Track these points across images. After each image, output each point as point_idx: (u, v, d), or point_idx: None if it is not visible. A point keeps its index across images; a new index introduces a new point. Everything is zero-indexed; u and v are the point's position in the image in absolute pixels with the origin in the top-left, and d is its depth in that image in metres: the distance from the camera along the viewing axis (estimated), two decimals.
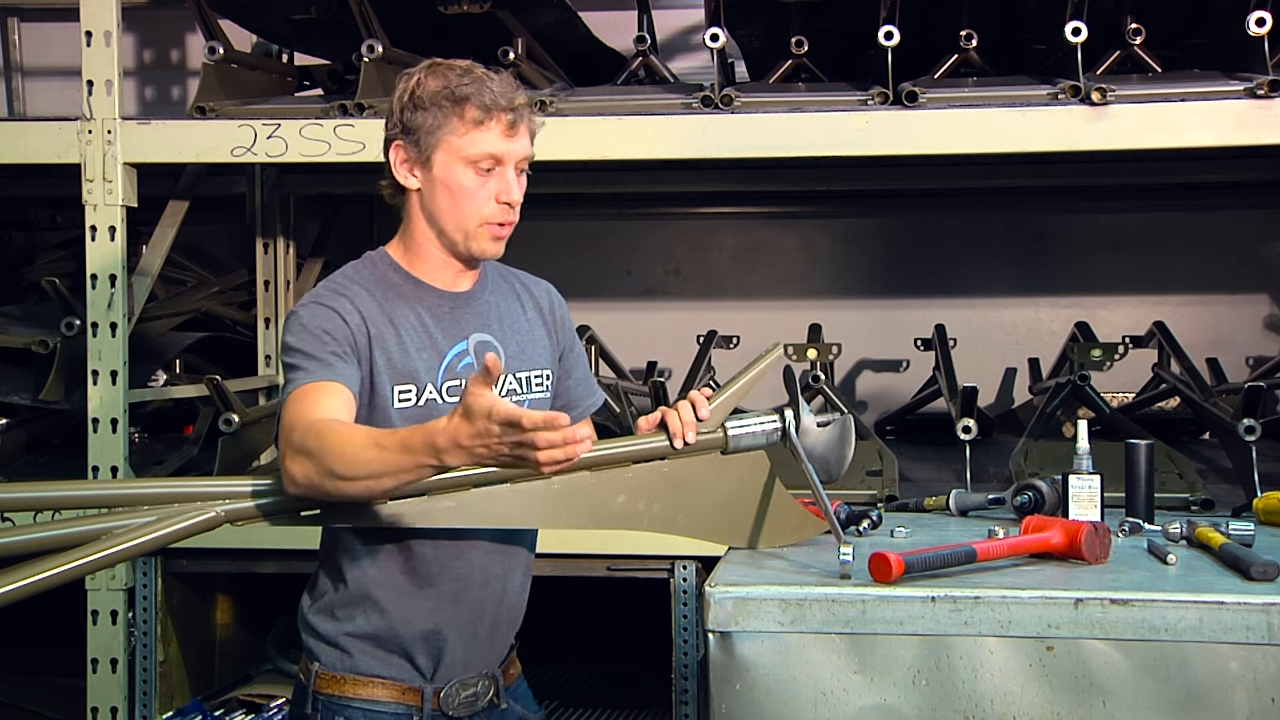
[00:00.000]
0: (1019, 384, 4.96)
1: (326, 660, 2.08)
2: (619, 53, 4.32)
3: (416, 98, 2.03)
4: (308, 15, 3.87)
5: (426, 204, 2.07)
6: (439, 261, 2.10)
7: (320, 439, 1.85)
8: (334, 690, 2.06)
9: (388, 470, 1.80)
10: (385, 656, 2.07)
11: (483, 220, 2.05)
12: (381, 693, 2.06)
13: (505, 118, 2.02)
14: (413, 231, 2.11)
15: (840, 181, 4.48)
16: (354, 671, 2.06)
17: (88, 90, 3.39)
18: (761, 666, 1.99)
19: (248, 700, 3.66)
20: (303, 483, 1.88)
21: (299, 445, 1.87)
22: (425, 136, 2.03)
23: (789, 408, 2.23)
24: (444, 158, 2.03)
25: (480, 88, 2.01)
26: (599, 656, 4.19)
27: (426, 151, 2.03)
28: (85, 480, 3.31)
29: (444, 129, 2.02)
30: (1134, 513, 2.51)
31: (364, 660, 2.07)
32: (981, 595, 1.96)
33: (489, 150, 2.02)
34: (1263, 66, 3.12)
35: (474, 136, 2.01)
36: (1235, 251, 4.95)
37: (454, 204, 2.04)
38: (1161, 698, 1.92)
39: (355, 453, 1.82)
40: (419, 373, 2.04)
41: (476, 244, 2.07)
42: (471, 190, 2.03)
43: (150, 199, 3.58)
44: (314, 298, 2.04)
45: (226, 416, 3.54)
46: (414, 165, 2.06)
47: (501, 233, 2.07)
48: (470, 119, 2.01)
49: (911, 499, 2.87)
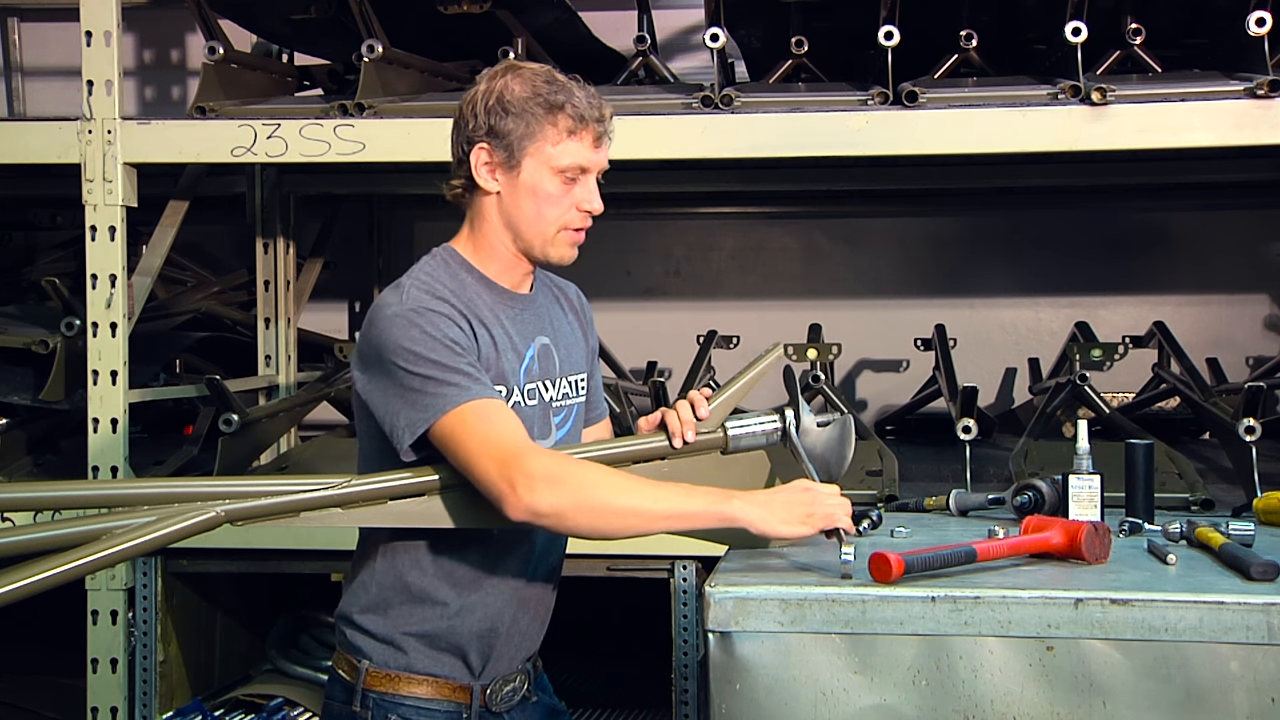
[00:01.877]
0: (1019, 384, 4.96)
1: (379, 658, 2.06)
2: (619, 53, 4.33)
3: (506, 102, 2.01)
4: (308, 15, 3.87)
5: (506, 207, 2.06)
6: (509, 263, 2.10)
7: (581, 470, 1.93)
8: (386, 688, 2.05)
9: (671, 509, 1.94)
10: (439, 655, 2.07)
11: (563, 226, 2.06)
12: (434, 690, 2.06)
13: (596, 129, 2.04)
14: (485, 232, 2.09)
15: (840, 181, 4.48)
16: (408, 670, 2.06)
17: (88, 90, 3.39)
18: (761, 666, 1.99)
19: (248, 700, 3.66)
20: (548, 510, 1.89)
21: (552, 473, 1.89)
22: (516, 142, 2.02)
23: (789, 408, 2.23)
24: (534, 164, 2.03)
25: (571, 97, 2.02)
26: (599, 656, 4.19)
27: (517, 156, 2.02)
28: (85, 480, 3.31)
29: (537, 136, 2.02)
30: (1134, 513, 2.51)
31: (419, 659, 2.06)
32: (981, 595, 1.96)
33: (579, 161, 2.04)
34: (1263, 66, 3.12)
35: (566, 146, 2.02)
36: (1235, 251, 4.95)
37: (538, 210, 2.04)
38: (1161, 698, 1.92)
39: (635, 486, 1.95)
40: (507, 375, 2.06)
41: (555, 249, 2.08)
42: (556, 197, 2.04)
43: (150, 199, 3.58)
44: (419, 302, 1.98)
45: (226, 416, 3.54)
46: (497, 168, 2.04)
47: (579, 239, 2.10)
48: (564, 128, 2.02)
49: (911, 499, 2.87)
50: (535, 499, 1.88)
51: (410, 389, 1.93)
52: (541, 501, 1.88)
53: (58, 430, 3.97)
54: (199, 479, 2.21)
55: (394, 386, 1.94)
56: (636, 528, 1.95)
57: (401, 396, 1.94)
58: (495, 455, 1.89)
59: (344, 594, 2.14)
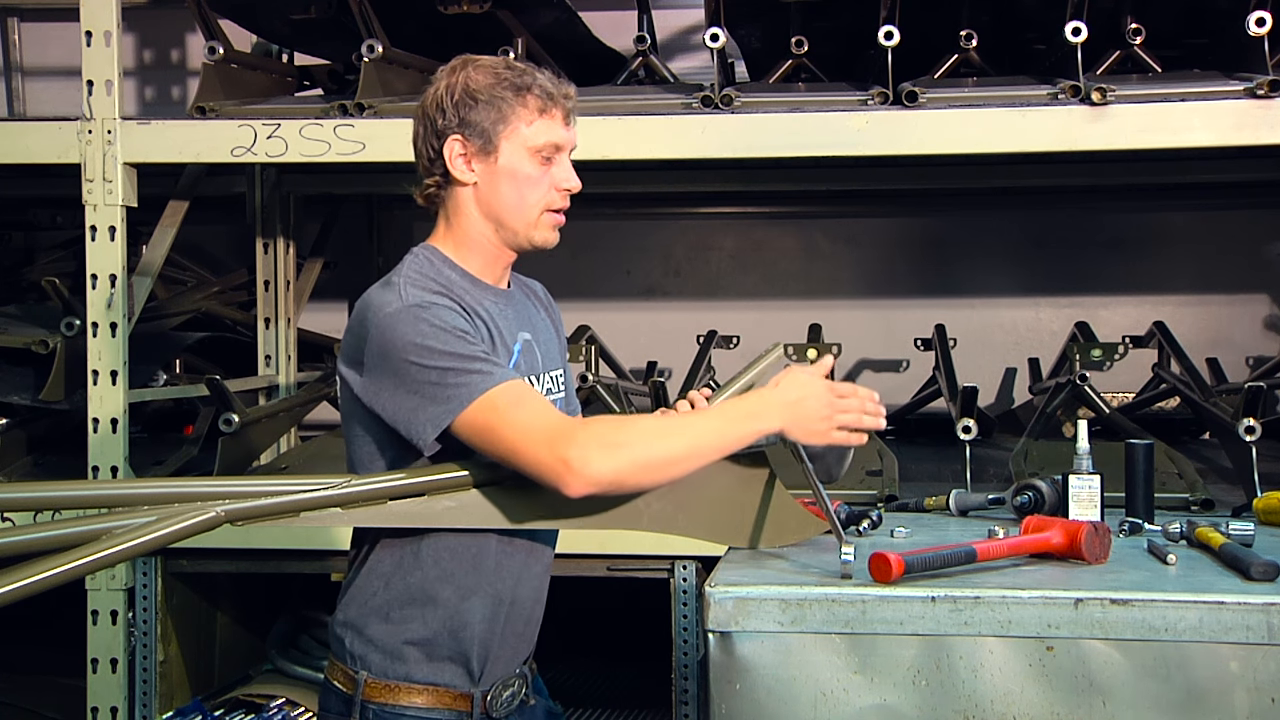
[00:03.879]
0: (1019, 384, 4.96)
1: (378, 667, 2.03)
2: (619, 53, 4.32)
3: (472, 91, 2.03)
4: (308, 15, 3.87)
5: (485, 196, 2.06)
6: (491, 257, 2.10)
7: (628, 428, 1.93)
8: (386, 699, 2.02)
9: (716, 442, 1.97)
10: (439, 664, 2.04)
11: (545, 208, 2.07)
12: (435, 700, 2.03)
13: (565, 104, 2.07)
14: (465, 227, 2.08)
15: (840, 181, 4.48)
16: (408, 679, 2.02)
17: (88, 90, 3.39)
18: (761, 666, 1.99)
19: (248, 700, 3.66)
20: (609, 478, 1.88)
21: (603, 439, 1.88)
22: (490, 127, 2.03)
23: None
24: (510, 147, 2.04)
25: (535, 78, 2.05)
26: (599, 656, 4.19)
27: (494, 142, 2.03)
28: (85, 480, 3.31)
29: (510, 119, 2.03)
30: (1134, 513, 2.51)
31: (418, 668, 2.03)
32: (981, 595, 1.96)
33: (553, 139, 2.05)
34: (1263, 66, 3.12)
35: (539, 125, 2.04)
36: (1235, 251, 4.95)
37: (519, 193, 2.05)
38: (1161, 698, 1.92)
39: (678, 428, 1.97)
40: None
41: (538, 233, 2.08)
42: (535, 179, 2.05)
43: (150, 199, 3.58)
44: (419, 297, 1.96)
45: (226, 416, 3.54)
46: (473, 158, 2.04)
47: (560, 221, 2.10)
48: (534, 107, 2.04)
49: (911, 499, 2.87)
50: (594, 471, 1.86)
51: (428, 383, 1.90)
52: (601, 472, 1.86)
53: (58, 430, 3.96)
54: (199, 479, 2.21)
55: (406, 384, 1.91)
56: (692, 468, 1.97)
57: (418, 393, 1.91)
58: (542, 438, 1.87)
59: (340, 600, 2.10)
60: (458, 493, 2.01)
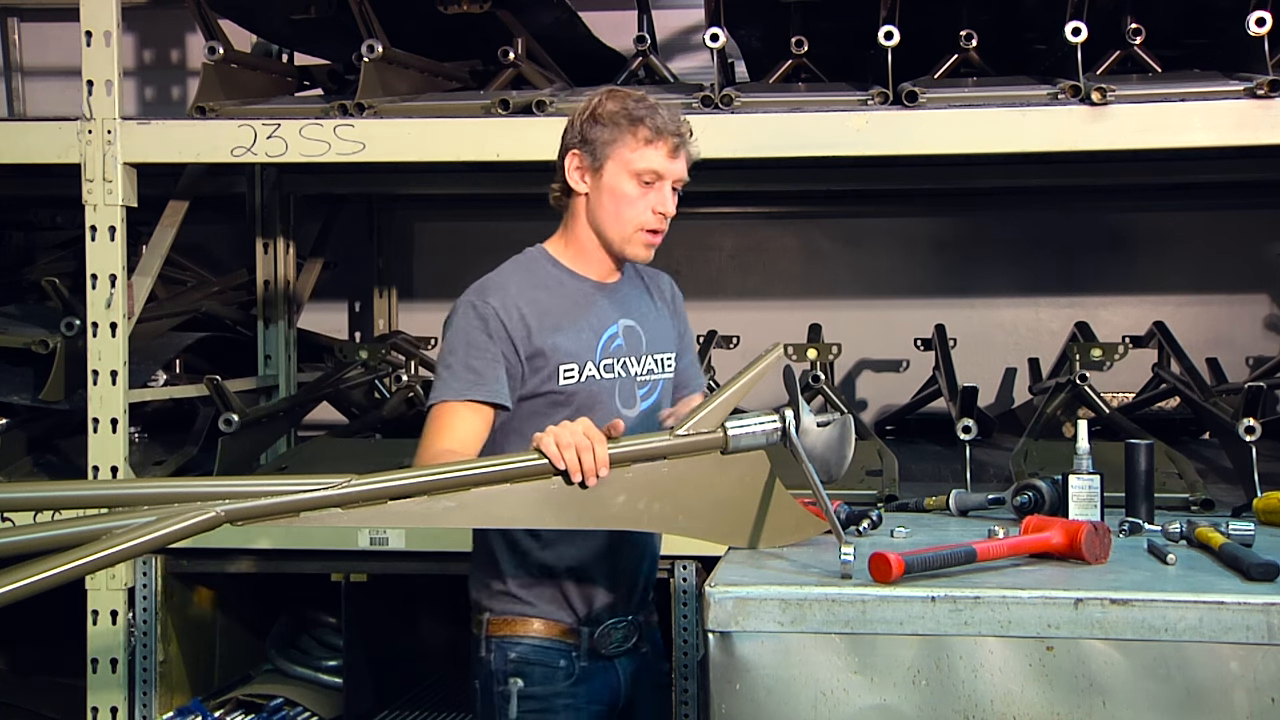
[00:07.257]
0: (1019, 384, 4.96)
1: (497, 609, 2.35)
2: (619, 53, 4.33)
3: (597, 114, 2.31)
4: (308, 15, 3.87)
5: (592, 207, 2.34)
6: (596, 258, 2.38)
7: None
8: (505, 632, 2.34)
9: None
10: (544, 602, 2.33)
11: (639, 226, 2.32)
12: (545, 629, 2.34)
13: (672, 140, 2.31)
14: (575, 230, 2.37)
15: (840, 181, 4.48)
16: (521, 615, 2.34)
17: (88, 90, 3.39)
18: (761, 666, 1.99)
19: (248, 700, 3.67)
20: None
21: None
22: (601, 148, 2.30)
23: (789, 408, 2.23)
24: (614, 167, 2.30)
25: (653, 113, 2.30)
26: None
27: (600, 160, 2.30)
28: (85, 480, 3.32)
29: (618, 143, 2.29)
30: (1134, 513, 2.51)
31: (529, 606, 2.34)
32: (981, 595, 1.96)
33: (653, 166, 2.30)
34: (1263, 66, 3.12)
35: (643, 153, 2.29)
36: (1235, 251, 4.95)
37: (616, 209, 2.31)
38: (1161, 698, 1.92)
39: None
40: (578, 352, 2.31)
41: (631, 247, 2.34)
42: (633, 199, 2.30)
43: (150, 199, 3.58)
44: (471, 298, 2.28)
45: (226, 416, 3.54)
46: (586, 172, 2.32)
47: (654, 240, 2.34)
48: (642, 137, 2.29)
49: (911, 499, 2.87)
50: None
51: (439, 368, 2.29)
52: None
53: (58, 430, 3.97)
54: (199, 479, 2.21)
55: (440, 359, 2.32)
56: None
57: (436, 370, 2.33)
58: (418, 457, 2.22)
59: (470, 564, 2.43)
60: (458, 493, 2.01)
